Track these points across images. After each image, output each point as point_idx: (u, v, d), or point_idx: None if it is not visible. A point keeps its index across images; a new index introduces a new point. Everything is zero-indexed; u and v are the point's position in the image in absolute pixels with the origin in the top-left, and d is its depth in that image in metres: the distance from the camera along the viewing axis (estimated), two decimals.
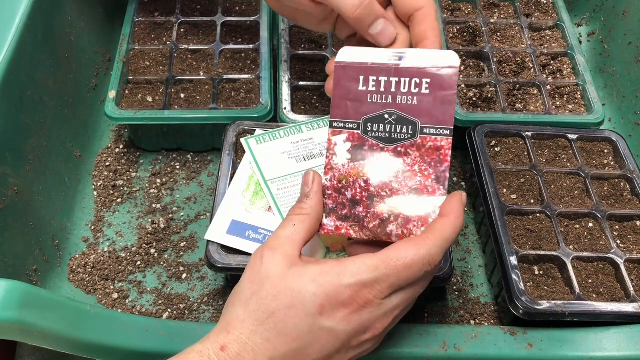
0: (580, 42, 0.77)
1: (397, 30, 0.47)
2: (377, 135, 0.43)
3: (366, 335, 0.39)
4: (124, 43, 0.67)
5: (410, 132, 0.43)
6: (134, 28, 0.69)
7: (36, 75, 0.57)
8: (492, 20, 0.73)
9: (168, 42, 0.68)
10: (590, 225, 0.55)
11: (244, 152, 0.59)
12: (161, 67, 0.66)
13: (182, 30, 0.70)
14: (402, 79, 0.43)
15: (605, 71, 0.76)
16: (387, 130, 0.43)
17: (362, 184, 0.43)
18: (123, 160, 0.65)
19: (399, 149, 0.43)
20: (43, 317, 0.41)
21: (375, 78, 0.44)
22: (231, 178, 0.56)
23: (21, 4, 0.56)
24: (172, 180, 0.64)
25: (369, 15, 0.46)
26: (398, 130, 0.43)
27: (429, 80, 0.43)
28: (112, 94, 0.62)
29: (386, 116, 0.43)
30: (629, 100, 0.71)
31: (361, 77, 0.44)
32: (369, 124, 0.44)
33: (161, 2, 0.72)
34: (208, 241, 0.51)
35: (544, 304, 0.48)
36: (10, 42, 0.53)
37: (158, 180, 0.64)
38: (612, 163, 0.60)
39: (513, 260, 0.51)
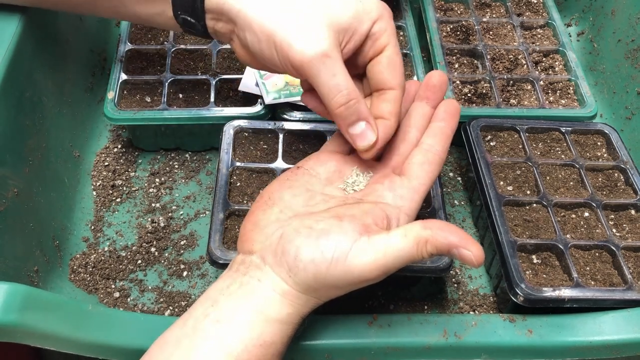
0: (571, 40, 0.79)
1: (376, 133, 0.45)
2: None
3: None
4: (120, 43, 0.68)
5: None
6: (131, 28, 0.70)
7: (35, 75, 0.57)
8: (484, 19, 0.74)
9: (165, 42, 0.68)
10: (586, 214, 0.56)
11: (242, 150, 0.59)
12: (159, 67, 0.66)
13: None
14: None
15: (595, 69, 0.77)
16: None
17: None
18: (121, 160, 0.66)
19: None
20: (45, 318, 0.41)
21: None
22: (229, 176, 0.57)
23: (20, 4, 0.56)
24: (170, 179, 0.65)
25: (351, 115, 0.45)
26: None
27: None
28: (110, 94, 0.62)
29: None
30: (619, 96, 0.72)
31: None
32: None
33: None
34: (209, 238, 0.52)
35: (544, 291, 0.48)
36: (10, 43, 0.53)
37: (157, 180, 0.64)
38: (605, 155, 0.61)
39: (511, 249, 0.51)
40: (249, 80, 0.64)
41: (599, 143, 0.62)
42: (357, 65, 0.48)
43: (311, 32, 0.43)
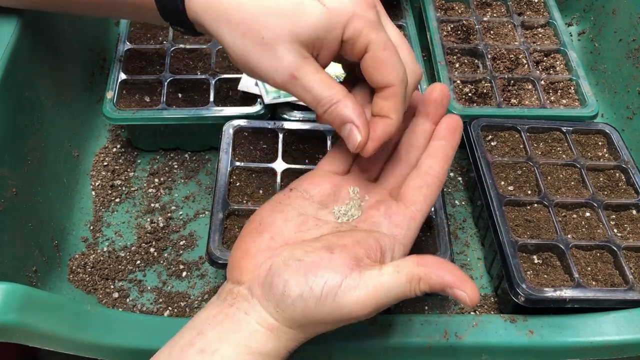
0: (572, 40, 0.79)
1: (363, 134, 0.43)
2: None
3: None
4: (119, 43, 0.67)
5: None
6: (130, 27, 0.69)
7: (34, 75, 0.57)
8: (485, 19, 0.74)
9: (164, 42, 0.68)
10: (588, 214, 0.55)
11: (242, 150, 0.59)
12: (158, 67, 0.66)
13: None
14: None
15: (597, 69, 0.77)
16: None
17: None
18: (120, 160, 0.66)
19: None
20: (43, 318, 0.41)
21: None
22: (229, 176, 0.56)
23: None
24: (170, 179, 0.65)
25: (335, 120, 0.43)
26: None
27: None
28: (109, 94, 0.62)
29: None
30: (620, 96, 0.72)
31: None
32: None
33: None
34: (209, 238, 0.51)
35: (545, 291, 0.48)
36: (8, 42, 0.53)
37: (156, 180, 0.64)
38: (606, 155, 0.61)
39: (512, 249, 0.51)
40: (249, 79, 0.64)
41: (600, 143, 0.62)
42: (351, 65, 0.46)
43: (275, 56, 0.42)
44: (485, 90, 0.66)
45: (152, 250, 0.59)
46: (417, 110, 0.47)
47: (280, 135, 0.60)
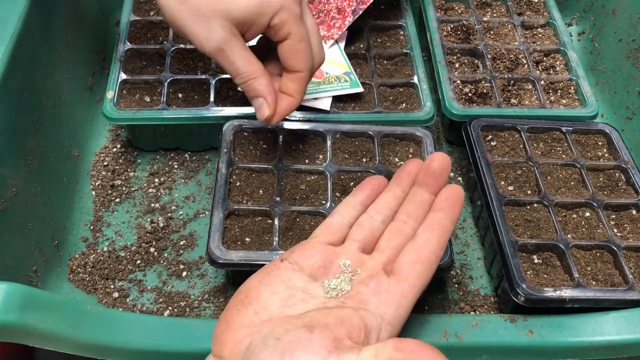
0: (572, 40, 0.79)
1: (271, 110, 0.52)
2: None
3: None
4: (120, 43, 0.67)
5: None
6: (130, 27, 0.69)
7: (34, 75, 0.57)
8: (485, 19, 0.74)
9: (164, 42, 0.68)
10: (587, 214, 0.55)
11: (242, 150, 0.59)
12: (158, 67, 0.66)
13: None
14: None
15: (596, 69, 0.77)
16: None
17: None
18: (121, 160, 0.66)
19: None
20: (44, 318, 0.41)
21: None
22: (229, 176, 0.56)
23: (19, 3, 0.56)
24: (170, 179, 0.65)
25: (250, 92, 0.53)
26: None
27: None
28: (109, 94, 0.62)
29: None
30: (620, 96, 0.72)
31: None
32: None
33: None
34: (209, 238, 0.51)
35: (545, 291, 0.48)
36: (9, 42, 0.53)
37: (156, 180, 0.64)
38: (606, 154, 0.61)
39: (512, 249, 0.51)
40: None
41: (600, 143, 0.62)
42: (271, 45, 0.54)
43: (208, 28, 0.49)
44: (485, 90, 0.66)
45: (152, 250, 0.59)
46: (417, 180, 0.46)
47: (280, 135, 0.60)
